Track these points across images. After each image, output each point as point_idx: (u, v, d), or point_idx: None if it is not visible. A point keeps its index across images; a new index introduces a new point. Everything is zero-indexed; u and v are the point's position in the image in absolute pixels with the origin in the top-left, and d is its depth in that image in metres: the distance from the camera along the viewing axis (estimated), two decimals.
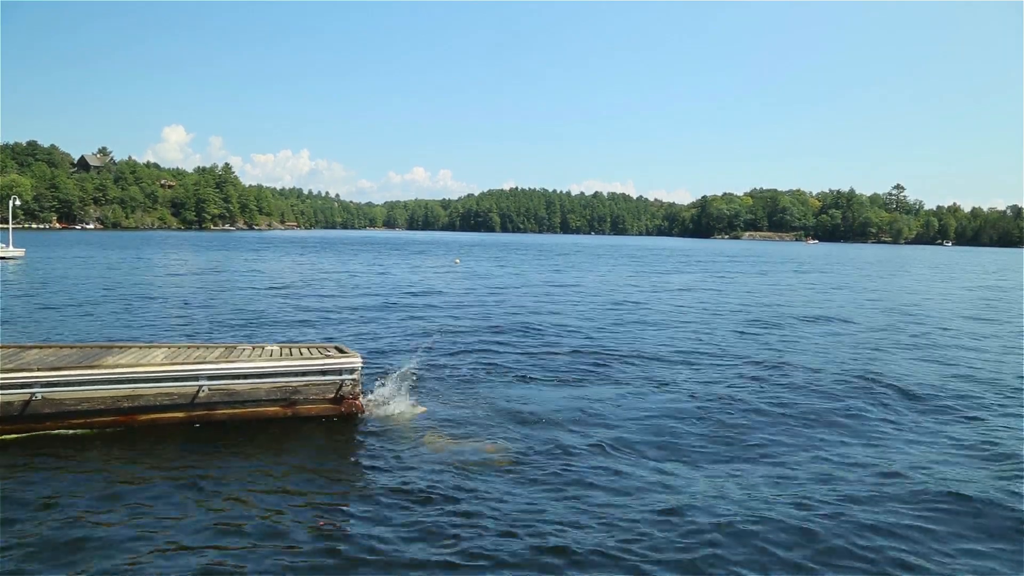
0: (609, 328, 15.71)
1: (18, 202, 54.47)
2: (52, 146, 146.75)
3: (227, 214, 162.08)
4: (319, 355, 7.89)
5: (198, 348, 8.47)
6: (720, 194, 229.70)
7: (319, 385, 7.58)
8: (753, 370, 11.03)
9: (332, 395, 7.62)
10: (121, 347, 8.48)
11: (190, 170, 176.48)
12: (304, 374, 7.53)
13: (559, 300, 22.31)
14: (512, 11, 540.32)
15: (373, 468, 6.25)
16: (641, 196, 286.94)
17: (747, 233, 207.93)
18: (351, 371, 7.64)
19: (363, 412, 7.78)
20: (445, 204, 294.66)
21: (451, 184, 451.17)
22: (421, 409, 8.13)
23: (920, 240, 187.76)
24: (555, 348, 12.84)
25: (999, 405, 9.07)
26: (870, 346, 13.82)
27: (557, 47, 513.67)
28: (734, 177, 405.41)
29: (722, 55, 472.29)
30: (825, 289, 29.41)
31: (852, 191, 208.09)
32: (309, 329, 14.74)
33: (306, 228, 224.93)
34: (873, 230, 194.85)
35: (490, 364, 11.15)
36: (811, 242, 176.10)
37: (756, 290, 28.11)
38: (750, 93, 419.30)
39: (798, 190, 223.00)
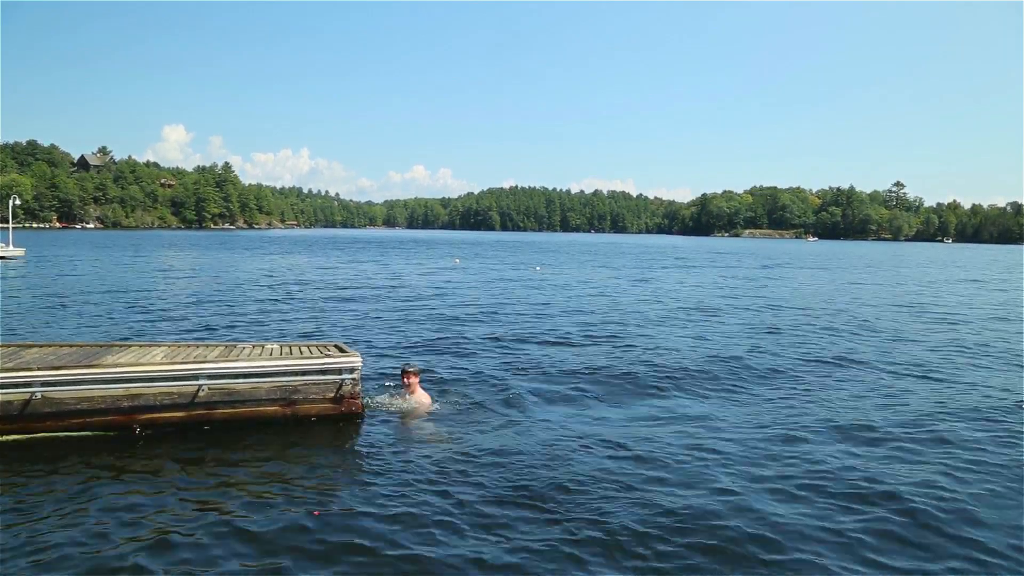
0: (609, 326, 15.70)
1: (18, 201, 54.41)
2: (52, 145, 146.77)
3: (227, 213, 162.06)
4: (319, 354, 7.86)
5: (198, 347, 8.44)
6: (720, 192, 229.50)
7: (319, 385, 7.56)
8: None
9: (332, 395, 7.59)
10: (121, 346, 8.45)
11: (190, 169, 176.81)
12: (304, 373, 7.50)
13: (561, 299, 22.29)
14: (512, 11, 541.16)
15: (373, 468, 6.23)
16: (641, 194, 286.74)
17: (747, 231, 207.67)
18: (351, 370, 7.61)
19: (363, 412, 7.76)
20: (445, 203, 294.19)
21: (451, 183, 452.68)
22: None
23: (920, 237, 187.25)
24: (556, 347, 12.82)
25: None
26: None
27: (557, 47, 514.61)
28: (734, 176, 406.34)
29: (722, 55, 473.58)
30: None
31: (852, 188, 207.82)
32: (309, 328, 14.72)
33: (306, 227, 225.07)
34: (873, 227, 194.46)
35: (492, 362, 11.13)
36: (811, 239, 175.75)
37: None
38: (750, 93, 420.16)
39: (798, 188, 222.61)
